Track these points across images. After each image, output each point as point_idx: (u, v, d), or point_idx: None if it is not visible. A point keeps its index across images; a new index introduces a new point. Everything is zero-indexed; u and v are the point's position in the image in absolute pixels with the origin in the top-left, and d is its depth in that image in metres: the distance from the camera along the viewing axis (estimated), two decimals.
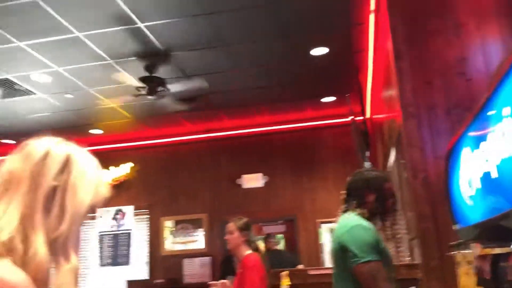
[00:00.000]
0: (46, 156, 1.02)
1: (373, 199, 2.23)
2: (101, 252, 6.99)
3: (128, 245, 6.99)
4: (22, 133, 6.32)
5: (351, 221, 2.19)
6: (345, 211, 2.29)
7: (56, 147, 1.05)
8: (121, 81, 4.79)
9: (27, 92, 5.29)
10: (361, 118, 5.31)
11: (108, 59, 4.59)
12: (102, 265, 6.96)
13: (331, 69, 5.09)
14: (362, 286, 2.06)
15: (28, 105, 5.65)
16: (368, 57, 4.57)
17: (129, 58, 4.60)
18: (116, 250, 6.98)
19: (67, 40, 4.18)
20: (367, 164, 4.95)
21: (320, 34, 4.38)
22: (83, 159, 1.08)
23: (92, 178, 1.07)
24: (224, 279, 3.41)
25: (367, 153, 5.06)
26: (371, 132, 5.52)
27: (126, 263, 6.94)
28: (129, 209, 7.03)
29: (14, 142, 6.65)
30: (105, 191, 1.11)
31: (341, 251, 2.14)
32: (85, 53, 4.45)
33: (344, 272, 2.14)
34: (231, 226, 3.29)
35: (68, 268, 1.00)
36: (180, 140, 7.05)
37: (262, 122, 6.73)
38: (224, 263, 6.11)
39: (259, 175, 6.81)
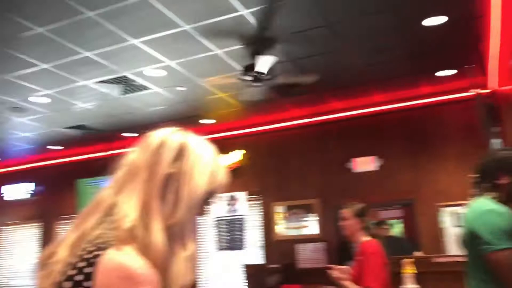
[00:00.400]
0: (161, 145, 1.04)
1: (508, 181, 2.02)
2: (217, 237, 7.27)
3: (243, 230, 7.17)
4: (142, 126, 6.78)
5: (483, 206, 2.02)
6: (476, 196, 2.10)
7: (171, 136, 1.07)
8: (217, 83, 4.87)
9: (143, 87, 5.61)
10: (487, 91, 4.79)
11: (216, 49, 4.67)
12: (219, 249, 7.23)
13: (448, 39, 4.65)
14: (496, 275, 1.89)
15: (145, 99, 6.00)
16: (491, 23, 4.08)
17: (235, 47, 4.64)
18: (231, 235, 7.21)
19: (177, 34, 4.32)
20: (495, 142, 4.46)
21: (435, 2, 4.01)
22: (198, 146, 1.07)
23: (207, 164, 1.06)
24: (341, 264, 3.31)
25: (495, 129, 4.55)
26: (499, 105, 4.96)
27: (242, 247, 7.13)
28: (242, 195, 7.19)
29: (136, 135, 7.15)
30: (222, 177, 1.09)
31: (472, 238, 1.99)
32: (193, 46, 4.57)
33: (475, 260, 2.00)
34: (347, 212, 3.16)
35: (185, 256, 1.00)
36: (288, 125, 7.03)
37: (373, 102, 6.42)
38: (340, 248, 5.99)
39: (372, 158, 6.53)
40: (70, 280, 0.88)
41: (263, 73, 4.73)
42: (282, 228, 6.95)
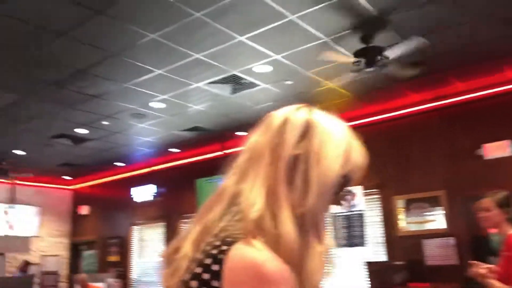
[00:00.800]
0: (284, 123, 0.91)
1: None
2: (336, 233, 7.05)
3: (362, 226, 6.87)
4: (252, 124, 6.81)
5: None
6: None
7: (295, 113, 0.93)
8: (333, 60, 4.64)
9: (252, 85, 5.60)
10: None
11: (323, 37, 4.47)
12: (339, 246, 7.01)
13: None
14: None
15: (254, 97, 6.00)
16: None
17: (343, 32, 4.39)
18: (350, 231, 6.94)
19: (282, 25, 4.21)
20: None
21: None
22: (327, 122, 0.92)
23: (339, 143, 0.90)
24: (478, 261, 2.92)
25: None
26: None
27: (362, 244, 6.84)
28: (358, 190, 6.89)
29: (247, 133, 7.21)
30: (358, 157, 0.93)
31: None
32: (300, 36, 4.43)
33: None
34: (487, 202, 2.78)
35: (320, 250, 0.88)
36: (406, 112, 6.55)
37: (504, 79, 5.70)
38: (473, 243, 5.45)
39: (507, 142, 5.80)
40: (196, 278, 0.80)
41: (377, 57, 4.45)
42: (405, 223, 6.51)
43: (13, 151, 8.15)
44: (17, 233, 10.15)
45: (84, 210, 11.18)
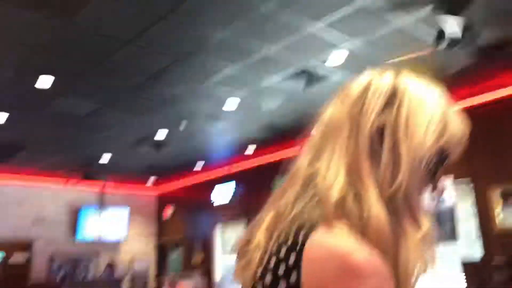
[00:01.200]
0: (366, 90, 0.79)
1: None
2: None
3: (453, 221, 6.39)
4: None
5: None
6: None
7: (378, 78, 0.80)
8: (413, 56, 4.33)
9: (325, 78, 5.37)
10: None
11: (401, 20, 4.14)
12: None
13: None
14: None
15: (325, 91, 5.74)
16: None
17: (423, 13, 4.04)
18: (440, 227, 6.49)
19: (356, 11, 3.97)
20: None
21: None
22: (417, 88, 0.79)
23: (433, 111, 0.77)
24: None
25: None
26: None
27: (454, 240, 6.36)
28: (448, 182, 6.41)
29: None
30: (458, 128, 0.78)
31: None
32: (375, 20, 4.14)
33: None
34: None
35: (418, 237, 0.74)
36: (499, 97, 5.98)
37: None
38: None
39: None
40: (271, 271, 0.71)
41: (461, 36, 4.05)
42: (504, 216, 5.93)
43: (99, 157, 8.57)
44: (108, 236, 10.70)
45: (169, 212, 11.55)
